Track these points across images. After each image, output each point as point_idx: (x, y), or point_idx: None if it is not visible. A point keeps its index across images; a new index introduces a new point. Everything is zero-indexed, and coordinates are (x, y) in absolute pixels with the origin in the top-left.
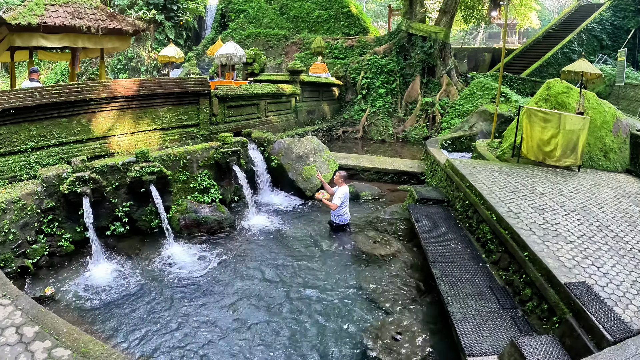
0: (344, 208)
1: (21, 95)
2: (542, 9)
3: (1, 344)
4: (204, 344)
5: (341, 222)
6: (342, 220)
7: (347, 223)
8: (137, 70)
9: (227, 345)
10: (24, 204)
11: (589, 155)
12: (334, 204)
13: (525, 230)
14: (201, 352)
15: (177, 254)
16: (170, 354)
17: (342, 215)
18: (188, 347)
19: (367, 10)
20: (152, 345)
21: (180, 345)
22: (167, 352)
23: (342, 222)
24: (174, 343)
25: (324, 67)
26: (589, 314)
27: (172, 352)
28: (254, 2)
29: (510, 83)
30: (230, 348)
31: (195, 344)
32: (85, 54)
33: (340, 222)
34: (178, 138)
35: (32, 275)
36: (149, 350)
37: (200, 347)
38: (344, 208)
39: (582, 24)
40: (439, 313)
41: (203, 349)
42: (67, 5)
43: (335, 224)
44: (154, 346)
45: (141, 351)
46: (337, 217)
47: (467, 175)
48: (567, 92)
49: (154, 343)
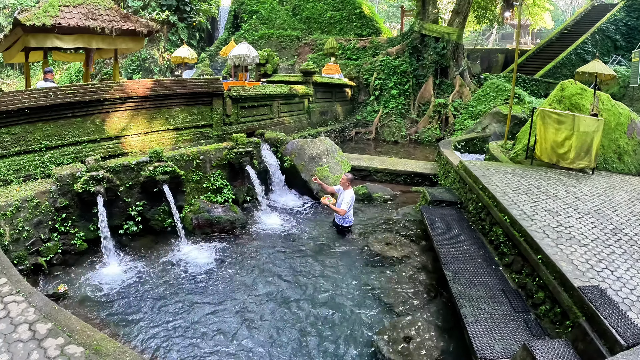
0: (349, 211)
1: (36, 95)
2: (556, 9)
3: (14, 340)
4: (215, 344)
5: (345, 224)
6: (346, 222)
7: (350, 225)
8: (151, 71)
9: (238, 344)
10: (38, 202)
11: (602, 157)
12: (342, 209)
13: (539, 232)
14: (212, 352)
15: (190, 253)
16: (182, 353)
17: (346, 218)
18: (199, 346)
19: (379, 11)
20: (164, 343)
21: (191, 345)
22: (178, 351)
23: (346, 225)
24: (186, 342)
25: (336, 68)
26: (602, 318)
27: (183, 351)
28: (267, 3)
29: (524, 84)
30: (242, 347)
31: (207, 343)
32: (99, 54)
33: (345, 225)
34: (191, 138)
35: (46, 273)
36: (161, 348)
37: (212, 347)
38: (349, 211)
39: (596, 24)
40: (451, 315)
41: (214, 349)
42: (81, 6)
43: (340, 227)
44: (166, 345)
45: (153, 349)
46: (341, 220)
47: (480, 177)
48: (581, 93)
49: (165, 342)
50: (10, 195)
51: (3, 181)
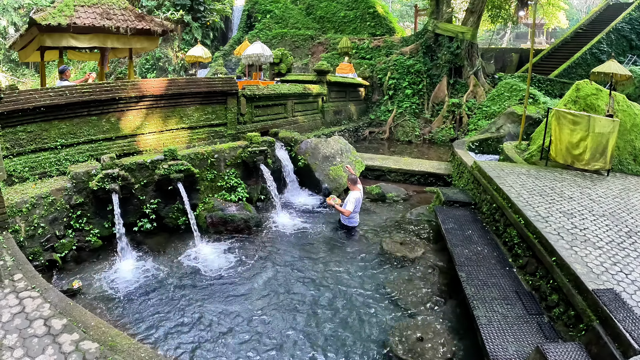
0: (355, 211)
1: (51, 94)
2: (570, 8)
3: (29, 335)
4: (228, 342)
5: (350, 224)
6: (351, 223)
7: (355, 226)
8: (165, 70)
9: (252, 343)
10: (53, 199)
11: (618, 158)
12: (347, 210)
13: (554, 234)
14: (225, 350)
15: (204, 251)
16: (195, 351)
17: (351, 219)
18: (213, 344)
19: (393, 10)
20: (177, 341)
21: (204, 342)
22: (192, 349)
23: (351, 225)
24: (199, 340)
25: (350, 67)
26: (616, 321)
27: (196, 348)
28: (280, 3)
29: (539, 84)
30: (255, 346)
31: (219, 341)
32: (114, 53)
33: (350, 225)
34: (206, 137)
35: (60, 269)
36: (174, 345)
37: (225, 345)
38: (356, 211)
39: (611, 23)
40: (464, 317)
41: (227, 347)
42: (96, 6)
43: (344, 226)
44: (179, 342)
45: (166, 347)
46: (346, 220)
47: (494, 178)
48: (596, 94)
49: (178, 339)
50: (26, 192)
51: (19, 178)
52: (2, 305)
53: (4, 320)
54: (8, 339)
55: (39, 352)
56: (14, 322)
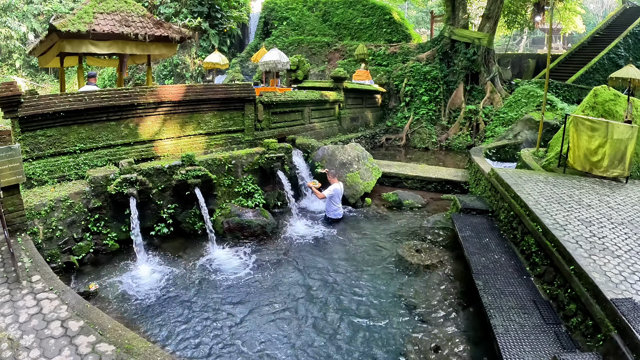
0: (337, 204)
1: (71, 99)
2: (587, 13)
3: (46, 337)
4: (243, 349)
5: (335, 217)
6: (336, 215)
7: (341, 218)
8: (182, 77)
9: (266, 349)
10: (71, 202)
11: (637, 165)
12: (321, 193)
13: (572, 243)
14: (240, 355)
15: (220, 256)
16: (210, 356)
17: (335, 211)
18: (227, 349)
19: (408, 16)
20: (192, 345)
21: (220, 347)
22: (207, 354)
23: (336, 217)
24: (214, 345)
25: (367, 74)
26: (635, 332)
27: (212, 354)
28: (297, 10)
29: (556, 90)
30: (270, 352)
31: (234, 347)
32: (133, 60)
33: (334, 217)
34: (223, 143)
35: (77, 272)
36: (189, 350)
37: (240, 352)
38: (338, 204)
39: (628, 27)
40: (481, 325)
41: (242, 354)
42: (115, 13)
43: (329, 219)
44: (194, 345)
45: (182, 351)
46: (331, 213)
47: (512, 185)
48: (614, 99)
49: (194, 343)
50: (44, 195)
51: (38, 181)
52: (19, 306)
53: (21, 321)
54: (25, 340)
55: (56, 353)
56: (31, 323)
